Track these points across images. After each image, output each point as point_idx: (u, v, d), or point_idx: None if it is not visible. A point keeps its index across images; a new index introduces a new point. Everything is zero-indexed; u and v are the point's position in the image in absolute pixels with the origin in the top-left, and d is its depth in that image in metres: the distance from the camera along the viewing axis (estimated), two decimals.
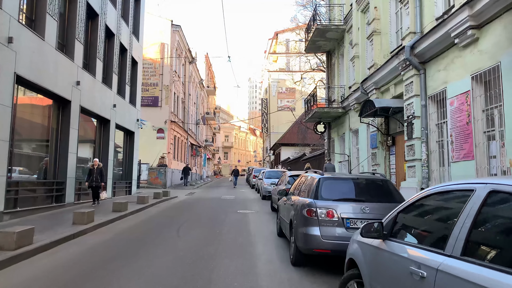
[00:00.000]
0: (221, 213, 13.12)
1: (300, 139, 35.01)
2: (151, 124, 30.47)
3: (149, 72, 30.85)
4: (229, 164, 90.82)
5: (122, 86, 19.25)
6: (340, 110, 18.39)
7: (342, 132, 19.05)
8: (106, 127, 17.15)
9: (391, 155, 13.29)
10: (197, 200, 18.87)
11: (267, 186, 18.68)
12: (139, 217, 12.09)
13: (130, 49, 19.91)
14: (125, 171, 20.65)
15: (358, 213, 5.41)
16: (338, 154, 19.55)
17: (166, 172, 29.08)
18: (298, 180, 7.66)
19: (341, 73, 19.99)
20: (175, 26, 31.63)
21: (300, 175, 7.79)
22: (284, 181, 11.93)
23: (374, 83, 13.79)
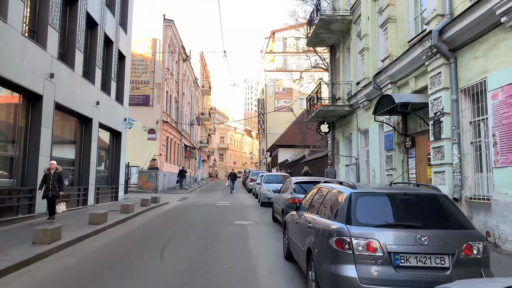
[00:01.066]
0: (216, 225, 11.41)
1: (300, 140, 33.36)
2: (141, 124, 28.69)
3: (140, 69, 29.12)
4: (225, 166, 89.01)
5: (107, 81, 17.51)
6: (347, 108, 16.77)
7: (348, 133, 17.43)
8: (88, 126, 15.41)
9: (410, 158, 11.67)
10: (189, 208, 17.15)
11: (267, 192, 17.00)
12: (119, 231, 10.36)
13: (116, 41, 18.18)
14: (111, 175, 18.89)
15: (412, 245, 3.76)
16: (343, 157, 17.92)
17: (157, 176, 27.32)
18: (314, 192, 5.99)
19: (346, 68, 18.39)
20: (167, 21, 29.93)
21: (316, 186, 6.10)
22: (289, 188, 10.26)
23: (390, 77, 12.18)
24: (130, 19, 20.51)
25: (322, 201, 5.15)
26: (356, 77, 16.65)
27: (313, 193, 5.99)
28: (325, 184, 5.63)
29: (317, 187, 5.94)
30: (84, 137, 15.29)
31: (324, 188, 5.49)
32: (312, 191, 6.16)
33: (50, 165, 10.51)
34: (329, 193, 5.04)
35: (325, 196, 5.13)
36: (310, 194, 6.18)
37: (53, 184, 10.25)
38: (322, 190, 5.53)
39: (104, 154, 18.39)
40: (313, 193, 5.99)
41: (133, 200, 18.73)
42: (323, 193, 5.36)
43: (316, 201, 5.49)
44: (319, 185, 5.94)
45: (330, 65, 20.48)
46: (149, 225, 11.45)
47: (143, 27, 28.72)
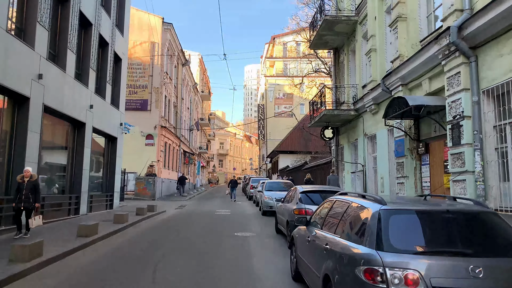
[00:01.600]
0: (214, 238, 10.59)
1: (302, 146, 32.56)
2: (139, 130, 27.96)
3: (137, 73, 28.43)
4: (224, 172, 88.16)
5: (102, 84, 16.76)
6: (353, 112, 16.01)
7: (354, 138, 16.66)
8: (81, 131, 14.63)
9: (423, 166, 10.88)
10: (187, 217, 16.33)
11: (268, 200, 16.20)
12: (109, 244, 9.54)
13: (112, 43, 17.47)
14: (106, 182, 18.07)
15: (463, 279, 2.96)
16: (348, 164, 17.13)
17: (155, 182, 26.50)
18: (328, 206, 5.20)
19: (351, 71, 17.66)
20: (166, 24, 29.28)
21: (331, 199, 5.30)
22: (294, 198, 9.45)
23: (400, 78, 11.43)
24: (127, 21, 19.82)
25: (341, 217, 4.36)
26: (362, 80, 15.92)
27: (328, 206, 5.20)
28: (342, 197, 4.83)
29: (332, 200, 5.15)
30: (76, 142, 14.50)
31: (342, 201, 4.70)
32: (325, 204, 5.38)
33: (24, 172, 9.13)
34: (350, 209, 4.25)
35: (345, 211, 4.34)
36: (324, 207, 5.40)
37: (26, 195, 8.83)
38: (340, 204, 4.74)
39: (98, 160, 17.60)
40: (328, 206, 5.20)
41: (129, 208, 17.93)
42: (341, 207, 4.57)
43: (333, 217, 4.71)
44: (334, 198, 5.14)
45: (334, 68, 19.76)
46: (143, 238, 10.62)
47: (141, 30, 28.09)
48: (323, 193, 9.34)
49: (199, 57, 53.54)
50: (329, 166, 21.39)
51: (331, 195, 9.58)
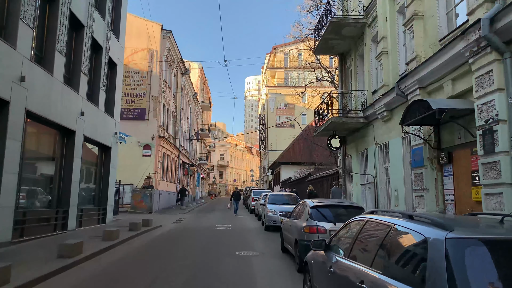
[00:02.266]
0: (213, 258, 9.46)
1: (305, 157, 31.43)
2: (136, 140, 26.93)
3: (135, 81, 27.52)
4: (225, 183, 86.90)
5: (95, 90, 15.79)
6: (362, 120, 14.98)
7: (363, 148, 15.60)
8: (71, 139, 13.59)
9: (445, 177, 9.79)
10: (184, 233, 15.18)
11: (272, 214, 15.08)
12: (93, 266, 8.41)
13: (106, 47, 16.55)
14: (98, 195, 16.97)
15: None
16: (357, 175, 16.03)
17: (152, 195, 25.36)
18: (356, 228, 4.11)
19: (359, 77, 16.70)
20: (165, 31, 28.49)
21: (359, 219, 4.19)
22: (303, 213, 8.34)
23: (418, 81, 10.41)
24: (123, 25, 18.95)
25: (379, 245, 3.27)
26: (372, 85, 14.94)
27: (355, 228, 4.11)
28: (378, 217, 3.73)
29: (361, 220, 4.05)
30: (65, 152, 13.45)
31: (378, 223, 3.61)
32: (352, 225, 4.30)
33: None
34: (392, 234, 3.16)
35: (384, 237, 3.25)
36: (349, 229, 4.31)
37: None
38: (374, 226, 3.65)
39: (90, 171, 16.55)
40: (355, 228, 4.11)
41: (123, 223, 16.80)
42: (377, 231, 3.49)
43: (364, 243, 3.63)
44: (364, 217, 4.04)
45: (340, 74, 18.80)
46: (133, 258, 9.49)
47: (139, 37, 27.28)
48: (337, 208, 8.28)
49: (199, 67, 52.84)
50: (334, 177, 20.29)
51: (346, 210, 8.56)
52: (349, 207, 8.40)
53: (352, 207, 8.48)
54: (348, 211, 8.22)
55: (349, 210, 8.26)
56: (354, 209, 8.31)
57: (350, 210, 8.26)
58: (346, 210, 8.23)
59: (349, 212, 8.23)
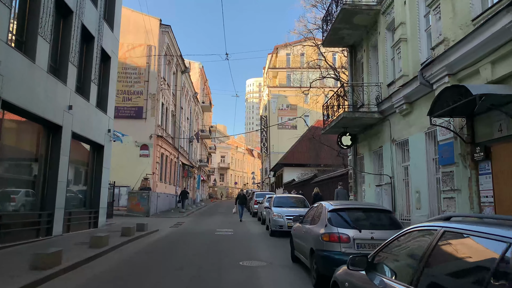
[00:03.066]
0: (215, 269, 8.17)
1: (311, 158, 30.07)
2: (133, 139, 25.68)
3: (132, 78, 26.31)
4: (225, 186, 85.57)
5: (86, 83, 14.57)
6: (376, 115, 13.71)
7: (377, 146, 14.32)
8: (57, 136, 12.34)
9: (481, 176, 8.51)
10: (182, 238, 13.90)
11: (278, 218, 13.81)
12: (72, 280, 7.12)
13: (99, 38, 15.32)
14: (90, 197, 15.70)
15: None
16: (370, 176, 14.74)
17: (149, 197, 24.08)
18: (420, 240, 2.82)
19: (372, 69, 15.45)
20: (164, 26, 27.29)
21: (422, 228, 2.89)
22: (321, 218, 7.02)
23: (447, 67, 9.14)
24: (117, 16, 17.74)
25: (487, 275, 1.98)
26: (387, 77, 13.68)
27: (419, 243, 2.83)
28: (466, 227, 2.44)
29: (433, 231, 2.75)
30: (51, 149, 12.19)
31: (472, 235, 2.31)
32: (410, 238, 3.01)
33: None
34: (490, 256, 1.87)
35: (497, 262, 1.96)
36: (406, 243, 3.03)
37: None
38: (463, 242, 2.36)
39: (80, 172, 15.30)
40: (419, 243, 2.83)
41: (116, 227, 15.55)
42: (473, 250, 2.20)
43: (446, 267, 2.34)
44: (435, 227, 2.74)
45: (350, 68, 17.54)
46: (120, 270, 8.20)
47: (137, 33, 26.10)
48: (361, 212, 6.99)
49: (200, 67, 51.65)
50: (343, 178, 19.01)
51: (372, 214, 7.26)
52: (375, 211, 7.12)
53: (379, 210, 7.19)
54: (375, 216, 6.95)
55: (375, 214, 6.98)
56: (381, 213, 7.03)
57: (376, 214, 6.98)
58: (371, 214, 6.96)
59: (376, 217, 6.95)
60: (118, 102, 25.95)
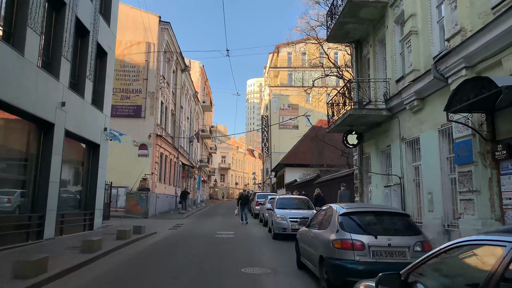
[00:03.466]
0: (213, 278, 7.52)
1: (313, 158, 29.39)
2: (131, 139, 25.09)
3: (131, 76, 25.70)
4: (226, 187, 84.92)
5: (80, 79, 13.96)
6: (385, 112, 13.07)
7: (385, 145, 13.68)
8: (49, 134, 11.72)
9: (503, 176, 7.87)
10: (180, 241, 13.28)
11: (281, 221, 13.18)
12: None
13: (95, 32, 14.71)
14: (85, 198, 15.09)
15: None
16: (377, 176, 14.10)
17: (148, 198, 23.45)
18: (481, 259, 2.18)
19: (378, 65, 14.82)
20: (163, 23, 26.69)
21: (492, 243, 2.26)
22: (330, 222, 6.36)
23: (464, 59, 8.50)
24: (114, 10, 17.15)
25: None
26: (396, 73, 13.04)
27: (467, 262, 2.20)
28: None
29: (495, 247, 2.11)
30: (42, 148, 11.57)
31: None
32: (450, 253, 2.38)
33: None
34: None
35: None
36: (446, 260, 2.41)
37: None
38: None
39: (74, 172, 14.69)
40: (467, 262, 2.20)
41: (112, 230, 14.94)
42: None
43: None
44: (501, 242, 2.10)
45: (356, 64, 16.91)
46: (111, 278, 7.56)
47: (135, 30, 25.49)
48: (375, 216, 6.35)
49: (200, 66, 51.05)
50: (348, 179, 18.36)
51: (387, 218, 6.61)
52: (391, 214, 6.48)
53: (395, 214, 6.55)
54: (390, 220, 6.31)
55: (391, 218, 6.34)
56: (397, 217, 6.39)
57: (392, 218, 6.34)
58: (387, 218, 6.32)
59: (392, 221, 6.31)
60: (116, 101, 25.36)
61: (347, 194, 17.82)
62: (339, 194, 17.78)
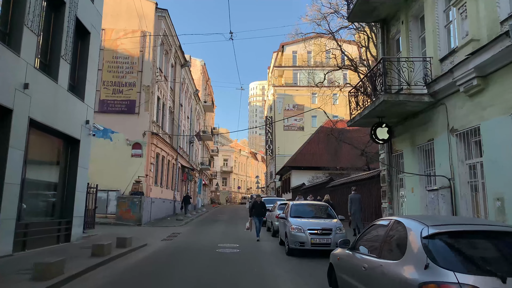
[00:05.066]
0: None
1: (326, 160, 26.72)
2: (124, 137, 22.63)
3: (124, 68, 23.27)
4: (228, 191, 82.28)
5: (53, 59, 11.53)
6: (426, 99, 10.53)
7: (424, 139, 11.14)
8: (5, 123, 9.25)
9: None
10: (173, 258, 10.75)
11: (298, 232, 10.62)
12: None
13: (72, 5, 12.27)
14: (60, 204, 12.61)
15: None
16: (413, 177, 11.53)
17: (141, 203, 20.94)
18: None
19: (413, 45, 12.32)
20: (160, 10, 24.29)
21: None
22: (408, 249, 3.82)
23: None
24: None
25: None
26: (439, 50, 10.52)
27: None
28: None
29: None
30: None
31: None
32: None
33: None
34: None
35: None
36: None
37: None
38: None
39: (46, 172, 12.20)
40: None
41: (96, 240, 12.51)
42: None
43: None
44: None
45: (382, 47, 14.40)
46: None
47: (129, 18, 23.12)
48: (487, 238, 3.77)
49: (201, 64, 48.71)
50: (372, 182, 15.80)
51: (505, 242, 4.00)
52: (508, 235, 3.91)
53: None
54: (509, 245, 3.75)
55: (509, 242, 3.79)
56: None
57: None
58: (505, 242, 3.76)
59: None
60: (108, 95, 22.98)
61: (357, 198, 15.75)
62: (350, 199, 15.80)
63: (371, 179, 15.82)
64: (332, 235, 10.39)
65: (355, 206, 15.47)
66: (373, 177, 15.24)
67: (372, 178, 15.37)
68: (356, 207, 15.49)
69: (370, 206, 16.05)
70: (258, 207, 15.10)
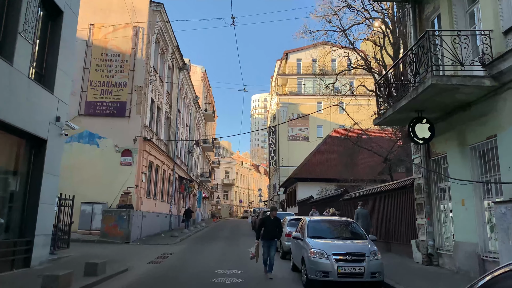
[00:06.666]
0: None
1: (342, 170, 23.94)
2: (113, 143, 20.20)
3: (114, 66, 20.97)
4: (230, 204, 79.37)
5: (9, 35, 9.15)
6: (487, 82, 8.06)
7: (482, 136, 8.64)
8: None
9: None
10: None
11: (319, 258, 8.01)
12: None
13: None
14: (19, 219, 10.09)
15: None
16: (464, 187, 8.98)
17: (130, 217, 18.34)
18: None
19: (458, 22, 9.93)
20: (154, 4, 22.09)
21: None
22: None
23: None
24: None
25: None
26: (502, 20, 8.09)
27: None
28: None
29: None
30: None
31: None
32: None
33: None
34: None
35: None
36: None
37: None
38: None
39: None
40: None
41: (66, 264, 10.05)
42: None
43: None
44: None
45: (414, 30, 12.00)
46: None
47: (121, 12, 20.93)
48: None
49: (202, 71, 46.58)
50: (401, 193, 13.21)
51: None
52: None
53: None
54: None
55: None
56: None
57: None
58: None
59: None
60: (95, 96, 20.64)
61: (364, 214, 14.04)
62: (356, 214, 14.03)
63: (400, 190, 13.24)
64: (366, 261, 7.81)
65: (363, 223, 13.15)
66: (404, 187, 12.65)
67: (403, 188, 12.78)
68: (364, 223, 13.17)
69: (398, 222, 13.45)
70: (270, 226, 9.91)
